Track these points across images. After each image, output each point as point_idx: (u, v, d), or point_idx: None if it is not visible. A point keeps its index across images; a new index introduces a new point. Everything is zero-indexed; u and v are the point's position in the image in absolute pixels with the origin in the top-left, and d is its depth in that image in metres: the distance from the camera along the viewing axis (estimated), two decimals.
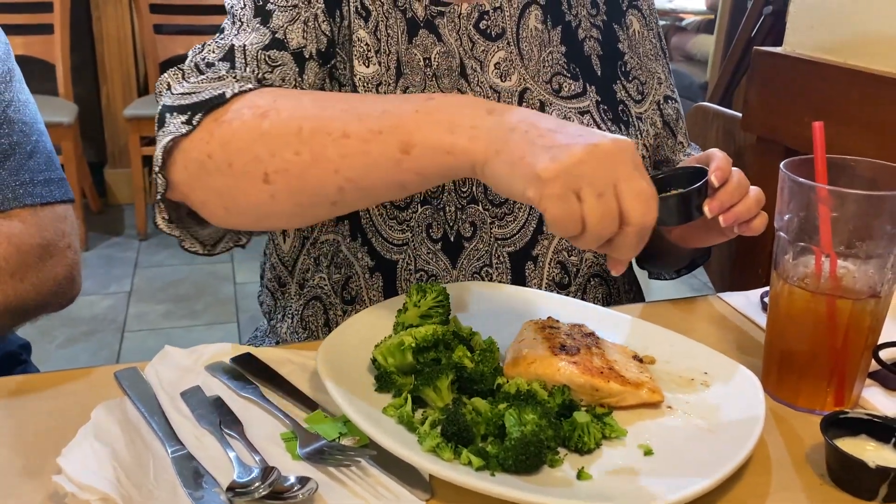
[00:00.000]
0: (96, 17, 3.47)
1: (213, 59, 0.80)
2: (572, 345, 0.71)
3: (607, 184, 0.58)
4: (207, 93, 0.74)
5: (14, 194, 0.88)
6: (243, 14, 0.85)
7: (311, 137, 0.68)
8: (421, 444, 0.60)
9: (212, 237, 0.82)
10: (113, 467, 0.56)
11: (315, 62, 0.85)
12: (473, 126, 0.63)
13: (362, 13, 0.89)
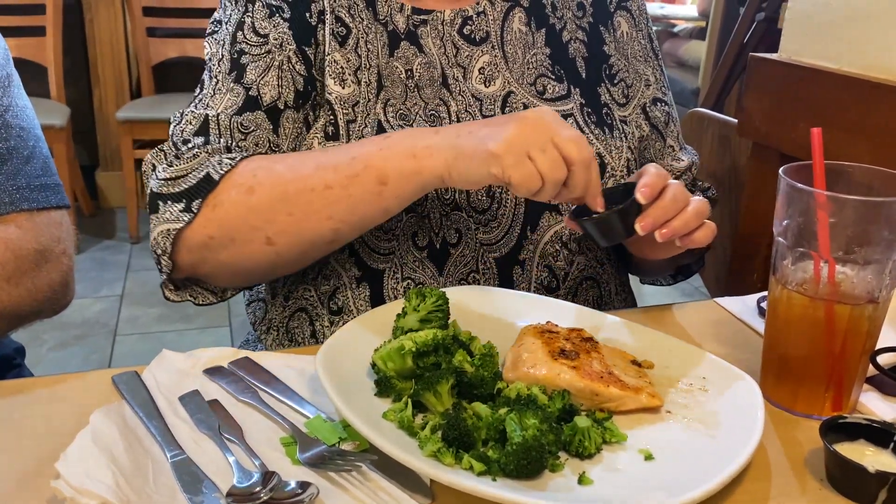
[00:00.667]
0: (89, 19, 3.46)
1: (188, 135, 0.87)
2: (571, 349, 0.71)
3: (545, 140, 0.73)
4: (193, 177, 0.82)
5: (11, 199, 0.88)
6: (219, 70, 0.89)
7: (297, 197, 0.79)
8: (422, 448, 0.60)
9: (219, 287, 0.89)
10: (112, 472, 0.56)
11: (291, 110, 0.90)
12: (427, 146, 0.76)
13: (339, 35, 0.91)
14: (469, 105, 0.94)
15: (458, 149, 0.75)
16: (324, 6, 0.92)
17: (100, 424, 0.61)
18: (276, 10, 0.91)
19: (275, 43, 0.89)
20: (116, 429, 0.62)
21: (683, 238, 0.78)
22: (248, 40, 0.90)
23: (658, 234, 0.76)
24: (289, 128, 0.89)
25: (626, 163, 0.97)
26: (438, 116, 0.93)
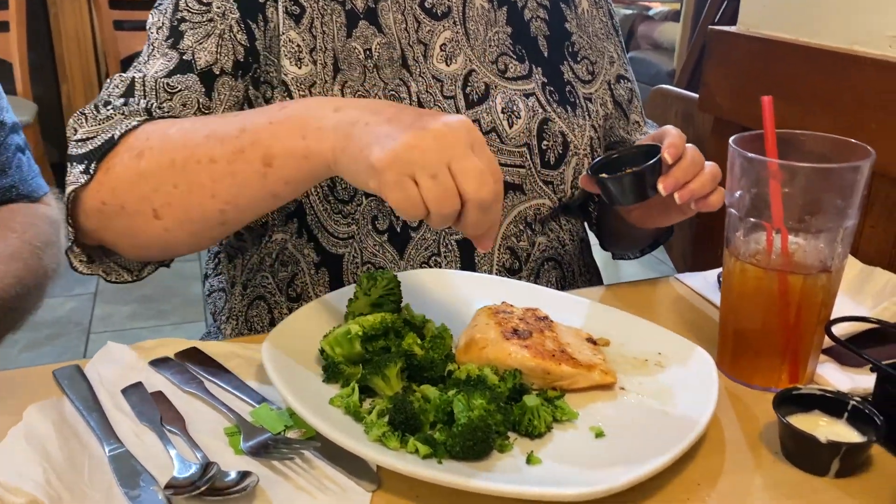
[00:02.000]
0: (53, 13, 3.40)
1: (113, 97, 0.81)
2: (525, 329, 0.70)
3: (440, 164, 0.59)
4: (99, 139, 0.76)
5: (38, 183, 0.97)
6: (156, 38, 0.85)
7: (183, 168, 0.70)
8: (367, 433, 0.59)
9: (136, 264, 0.82)
10: (43, 468, 0.54)
11: (228, 76, 0.84)
12: (319, 128, 0.66)
13: (294, 12, 0.87)
14: (429, 85, 0.92)
15: (349, 140, 0.64)
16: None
17: (33, 420, 0.59)
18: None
19: (217, 11, 0.85)
20: (52, 424, 0.60)
21: (698, 201, 0.77)
22: (190, 8, 0.86)
23: (678, 195, 0.76)
24: (225, 94, 0.85)
25: (590, 140, 0.96)
26: (398, 97, 0.90)
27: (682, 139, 0.78)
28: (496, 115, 0.91)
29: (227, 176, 0.69)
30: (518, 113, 0.92)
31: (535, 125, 0.92)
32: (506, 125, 0.91)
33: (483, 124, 0.90)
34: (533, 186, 0.92)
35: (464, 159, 0.60)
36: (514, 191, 0.91)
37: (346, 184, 0.86)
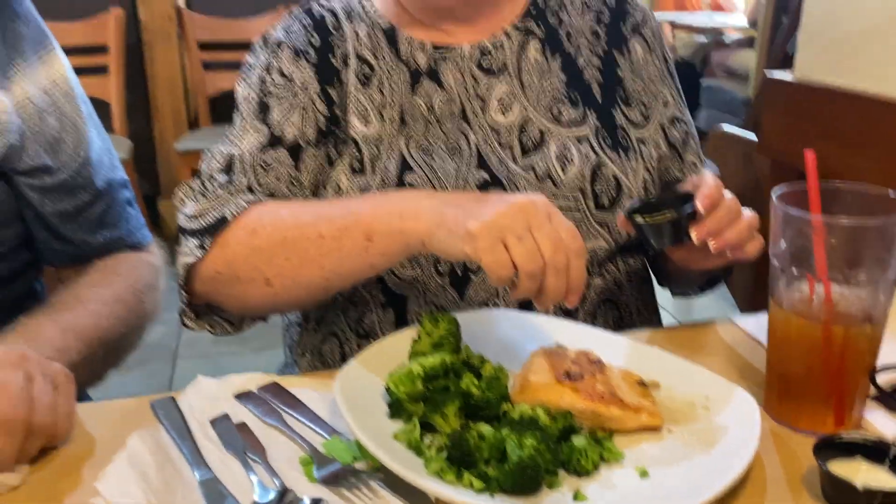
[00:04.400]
0: (149, 57, 3.63)
1: (215, 172, 0.93)
2: (577, 371, 0.74)
3: (524, 229, 0.70)
4: (210, 216, 0.88)
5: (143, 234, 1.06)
6: (247, 110, 0.96)
7: (294, 244, 0.83)
8: (427, 467, 0.64)
9: (237, 318, 0.95)
10: (143, 490, 0.62)
11: (313, 147, 0.95)
12: (415, 210, 0.78)
13: (363, 76, 0.97)
14: (487, 136, 0.98)
15: (443, 217, 0.75)
16: (347, 50, 0.98)
17: (135, 447, 0.67)
18: (303, 54, 0.97)
19: (300, 85, 0.96)
20: (149, 452, 0.68)
21: (734, 250, 0.80)
22: (275, 82, 0.96)
23: (712, 243, 0.79)
24: (310, 164, 0.95)
25: (644, 182, 1.00)
26: (459, 147, 0.97)
27: (719, 189, 0.81)
28: (550, 161, 0.96)
29: (333, 250, 0.81)
30: (571, 159, 0.97)
31: (588, 170, 0.97)
32: (560, 171, 0.96)
33: (538, 171, 0.96)
34: (589, 229, 0.97)
35: (542, 227, 0.71)
36: None
37: None
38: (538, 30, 1.03)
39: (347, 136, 0.96)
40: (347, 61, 0.98)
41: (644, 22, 1.07)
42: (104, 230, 1.01)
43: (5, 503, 0.64)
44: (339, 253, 0.81)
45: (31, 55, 0.93)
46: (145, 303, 1.01)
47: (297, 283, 0.84)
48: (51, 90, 0.95)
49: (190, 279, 0.88)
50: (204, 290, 0.89)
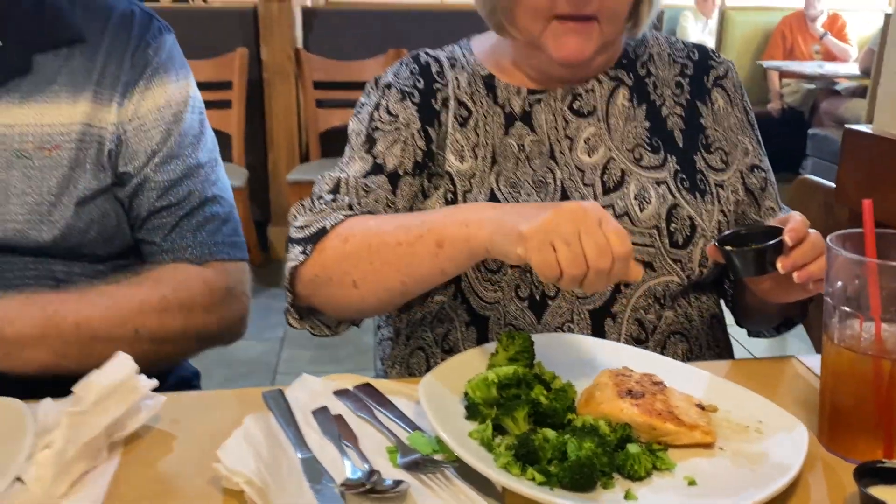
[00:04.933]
0: (268, 93, 3.91)
1: (324, 192, 1.05)
2: (638, 390, 0.81)
3: (573, 234, 0.78)
4: (314, 227, 0.99)
5: (210, 251, 1.09)
6: (355, 143, 1.09)
7: (377, 249, 0.94)
8: (496, 461, 0.73)
9: (334, 321, 1.05)
10: (255, 461, 0.73)
11: (410, 176, 1.07)
12: (479, 220, 0.87)
13: (461, 117, 1.08)
14: (572, 174, 1.07)
15: (501, 225, 0.84)
16: (448, 94, 1.10)
17: (250, 427, 0.79)
18: (408, 95, 1.09)
19: (403, 122, 1.08)
20: (261, 431, 0.79)
21: (817, 283, 0.87)
22: (382, 119, 1.09)
23: (796, 275, 0.86)
24: (406, 191, 1.06)
25: (718, 224, 1.06)
26: (545, 183, 1.07)
27: (805, 225, 0.87)
28: (629, 200, 1.04)
29: (409, 255, 0.91)
30: (649, 199, 1.04)
31: (665, 210, 1.04)
32: (637, 210, 1.04)
33: (617, 209, 1.04)
34: (662, 264, 1.04)
35: (591, 233, 0.78)
36: (645, 267, 1.03)
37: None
38: (627, 78, 1.12)
39: (442, 171, 1.07)
40: (447, 104, 1.10)
41: (726, 75, 1.15)
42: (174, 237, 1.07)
43: (153, 464, 0.77)
44: (414, 258, 0.91)
45: (152, 79, 1.06)
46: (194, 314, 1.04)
47: (379, 285, 0.94)
48: (163, 109, 1.06)
49: (294, 282, 0.99)
50: (305, 293, 0.99)
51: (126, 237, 1.08)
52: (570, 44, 1.01)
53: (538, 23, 1.02)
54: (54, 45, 1.02)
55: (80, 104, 1.01)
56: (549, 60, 1.05)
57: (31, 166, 0.99)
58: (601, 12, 1.01)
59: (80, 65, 1.03)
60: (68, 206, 1.00)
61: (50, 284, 1.01)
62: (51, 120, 1.00)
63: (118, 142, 1.04)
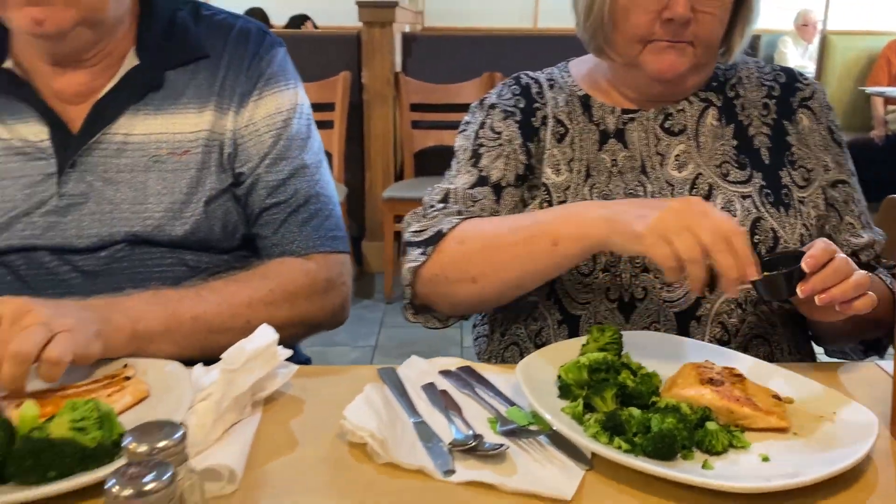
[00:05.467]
0: (367, 115, 4.12)
1: (435, 201, 1.17)
2: (719, 379, 0.89)
3: (682, 227, 0.89)
4: (430, 231, 1.10)
5: (314, 244, 1.21)
6: (462, 158, 1.20)
7: (493, 249, 1.05)
8: (585, 431, 0.82)
9: (444, 316, 1.16)
10: (375, 420, 0.84)
11: (512, 187, 1.18)
12: (593, 219, 0.98)
13: (558, 134, 1.19)
14: (662, 188, 1.16)
15: (615, 223, 0.94)
16: (546, 112, 1.21)
17: (369, 392, 0.91)
18: (510, 114, 1.21)
19: (506, 138, 1.19)
20: (379, 398, 0.91)
21: (843, 305, 0.92)
22: (486, 136, 1.20)
23: (817, 298, 0.92)
24: (508, 201, 1.17)
25: (800, 237, 1.12)
26: (636, 195, 1.15)
27: (826, 252, 0.91)
28: None
29: (525, 253, 1.02)
30: (734, 211, 1.12)
31: (749, 222, 1.11)
32: None
33: None
34: None
35: (697, 221, 0.89)
36: None
37: (588, 260, 1.12)
38: (717, 100, 1.20)
39: (540, 183, 1.18)
40: (545, 122, 1.20)
41: (812, 96, 1.21)
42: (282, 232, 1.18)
43: (287, 421, 0.90)
44: (530, 256, 1.02)
45: (265, 89, 1.19)
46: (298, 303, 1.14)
47: (497, 280, 1.06)
48: (273, 116, 1.19)
49: (414, 281, 1.11)
50: (424, 291, 1.12)
51: (244, 231, 1.21)
52: (666, 60, 1.11)
53: (636, 46, 1.12)
54: (183, 63, 1.17)
55: (205, 114, 1.16)
56: (645, 79, 1.14)
57: (166, 170, 1.14)
58: (696, 38, 1.10)
59: (205, 78, 1.17)
60: (198, 204, 1.14)
61: (183, 271, 1.15)
62: (180, 128, 1.15)
63: (235, 146, 1.17)
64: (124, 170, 1.12)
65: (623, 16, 1.11)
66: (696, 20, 1.09)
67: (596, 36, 1.15)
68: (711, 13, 1.10)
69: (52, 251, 1.10)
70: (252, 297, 1.10)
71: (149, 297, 1.03)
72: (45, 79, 1.13)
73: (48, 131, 1.12)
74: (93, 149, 1.12)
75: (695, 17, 1.08)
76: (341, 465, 0.82)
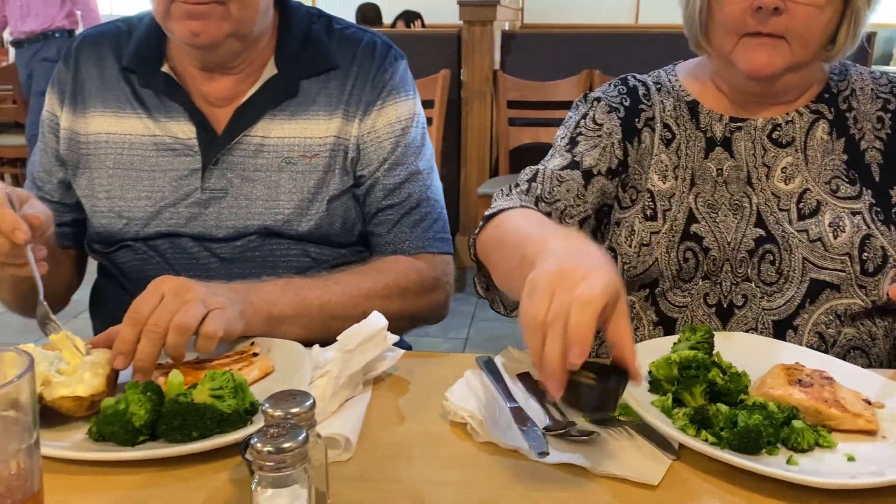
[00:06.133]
0: (465, 111, 4.20)
1: (522, 180, 1.19)
2: (808, 381, 0.92)
3: (545, 289, 0.76)
4: (495, 208, 1.12)
5: (423, 244, 1.30)
6: (559, 144, 1.23)
7: (503, 248, 1.00)
8: (674, 423, 0.87)
9: (510, 303, 1.15)
10: (475, 402, 0.92)
11: (603, 177, 1.19)
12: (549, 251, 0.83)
13: (666, 139, 1.20)
14: (768, 199, 1.16)
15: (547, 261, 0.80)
16: (653, 115, 1.22)
17: (469, 377, 0.98)
18: (615, 109, 1.23)
19: (606, 130, 1.21)
20: (479, 383, 0.98)
21: None
22: (587, 126, 1.23)
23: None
24: (595, 188, 1.18)
25: None
26: (741, 206, 1.17)
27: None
28: (823, 227, 1.12)
29: (510, 259, 0.93)
30: (843, 228, 1.11)
31: (858, 239, 1.10)
32: (831, 237, 1.11)
33: (810, 234, 1.12)
34: (848, 288, 1.11)
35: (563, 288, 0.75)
36: (831, 289, 1.11)
37: (689, 267, 1.15)
38: (828, 112, 1.18)
39: (642, 188, 1.20)
40: (650, 124, 1.22)
41: None
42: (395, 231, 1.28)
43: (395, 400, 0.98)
44: (507, 262, 0.95)
45: (387, 99, 1.29)
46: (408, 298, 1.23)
47: (496, 273, 1.03)
48: (393, 124, 1.28)
49: (474, 253, 1.12)
50: (482, 262, 1.10)
51: (361, 228, 1.32)
52: (759, 57, 1.09)
53: (730, 39, 1.11)
54: (316, 73, 1.28)
55: (334, 120, 1.26)
56: (742, 77, 1.13)
57: (296, 171, 1.25)
58: (790, 32, 1.07)
59: (335, 88, 1.27)
60: (322, 203, 1.25)
61: (306, 262, 1.26)
62: (311, 133, 1.26)
63: (358, 150, 1.27)
64: (260, 169, 1.24)
65: (718, 6, 1.11)
66: (789, 12, 1.06)
67: (693, 27, 1.16)
68: (806, 4, 1.06)
69: (194, 238, 1.23)
70: (370, 290, 1.19)
71: (283, 284, 1.13)
72: (196, 83, 1.26)
73: (195, 130, 1.24)
74: (234, 148, 1.24)
75: (787, 8, 1.05)
76: (443, 440, 0.89)
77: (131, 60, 1.26)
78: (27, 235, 0.95)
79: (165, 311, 0.93)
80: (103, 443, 0.85)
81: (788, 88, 1.17)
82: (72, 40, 1.34)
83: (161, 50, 1.27)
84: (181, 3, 1.12)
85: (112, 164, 1.25)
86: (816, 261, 1.12)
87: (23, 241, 0.95)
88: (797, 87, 1.18)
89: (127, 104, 1.26)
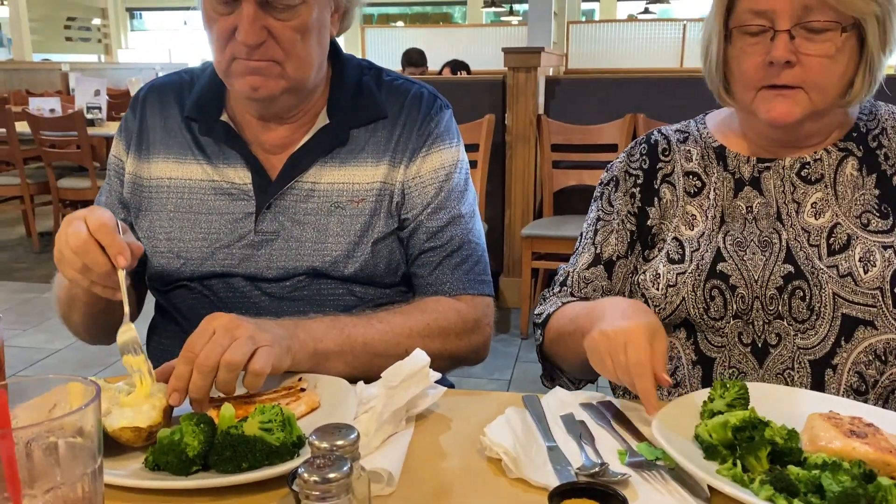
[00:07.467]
0: (510, 155, 4.25)
1: (558, 282, 1.34)
2: (861, 431, 0.90)
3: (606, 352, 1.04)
4: (544, 315, 1.29)
5: (464, 286, 1.33)
6: (588, 231, 1.32)
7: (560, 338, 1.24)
8: (757, 494, 0.81)
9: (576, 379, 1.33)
10: (512, 439, 0.94)
11: (623, 259, 1.29)
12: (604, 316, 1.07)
13: (692, 189, 1.24)
14: (798, 235, 1.17)
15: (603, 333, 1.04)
16: (671, 170, 1.27)
17: (510, 414, 1.00)
18: (632, 178, 1.30)
19: (616, 210, 1.29)
20: (519, 421, 1.00)
21: None
22: (605, 211, 1.31)
23: None
24: (620, 272, 1.29)
25: None
26: (770, 243, 1.18)
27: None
28: (853, 262, 1.12)
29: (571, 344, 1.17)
30: (874, 262, 1.12)
31: (889, 273, 1.11)
32: (861, 271, 1.12)
33: (840, 269, 1.13)
34: (884, 323, 1.11)
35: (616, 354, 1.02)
36: (866, 326, 1.11)
37: (717, 306, 1.17)
38: (857, 150, 1.20)
39: (669, 237, 1.23)
40: (668, 180, 1.26)
41: None
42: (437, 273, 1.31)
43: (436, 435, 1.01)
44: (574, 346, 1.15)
45: (432, 146, 1.33)
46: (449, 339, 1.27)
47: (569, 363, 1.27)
48: (438, 170, 1.33)
49: (542, 355, 1.31)
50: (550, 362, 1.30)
51: (404, 270, 1.35)
52: (778, 108, 1.12)
53: (749, 92, 1.15)
54: (366, 122, 1.33)
55: (381, 167, 1.31)
56: (765, 125, 1.17)
57: (344, 214, 1.29)
58: (805, 82, 1.10)
59: (382, 136, 1.32)
60: (367, 245, 1.29)
61: (352, 300, 1.30)
62: (359, 179, 1.30)
63: (403, 195, 1.32)
64: (310, 213, 1.29)
65: (735, 63, 1.15)
66: (802, 64, 1.09)
67: (714, 82, 1.20)
68: (817, 56, 1.09)
69: (246, 278, 1.29)
70: (412, 329, 1.23)
71: (329, 322, 1.18)
72: (253, 131, 1.32)
73: (251, 176, 1.30)
74: (286, 193, 1.30)
75: (800, 61, 1.09)
76: (481, 476, 0.92)
77: (193, 110, 1.33)
78: (128, 262, 1.02)
79: (216, 345, 0.98)
80: (158, 472, 0.89)
81: (811, 134, 1.20)
82: (139, 89, 1.43)
83: (221, 100, 1.34)
84: (242, 61, 1.19)
85: (173, 207, 1.32)
86: (847, 295, 1.12)
87: (123, 266, 1.02)
88: (819, 132, 1.20)
89: (188, 151, 1.33)
